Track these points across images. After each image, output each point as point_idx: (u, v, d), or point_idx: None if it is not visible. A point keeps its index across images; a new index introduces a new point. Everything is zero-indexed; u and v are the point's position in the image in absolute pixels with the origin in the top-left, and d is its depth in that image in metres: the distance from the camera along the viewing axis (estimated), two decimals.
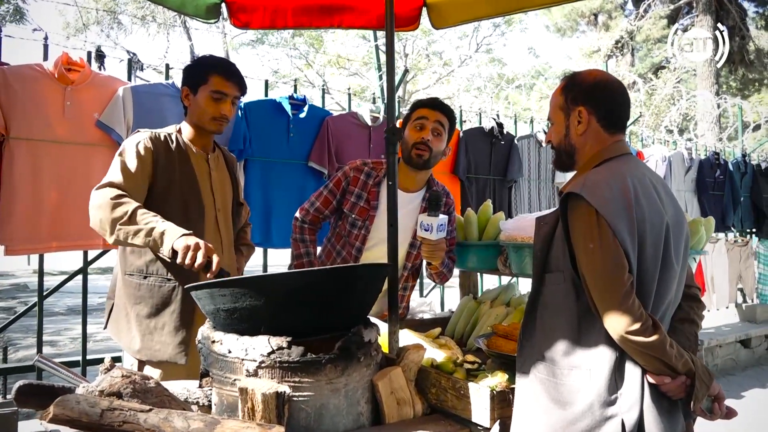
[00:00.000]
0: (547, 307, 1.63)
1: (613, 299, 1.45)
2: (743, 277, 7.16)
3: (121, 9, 19.71)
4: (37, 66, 3.23)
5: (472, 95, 18.16)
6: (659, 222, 1.54)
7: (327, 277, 1.60)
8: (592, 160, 1.67)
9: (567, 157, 1.74)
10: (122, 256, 2.28)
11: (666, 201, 1.62)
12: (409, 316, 2.81)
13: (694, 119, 12.10)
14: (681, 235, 1.63)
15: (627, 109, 1.72)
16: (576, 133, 1.69)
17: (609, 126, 1.67)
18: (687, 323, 1.68)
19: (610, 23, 22.26)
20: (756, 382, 5.86)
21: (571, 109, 1.70)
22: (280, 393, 1.35)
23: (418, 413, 1.69)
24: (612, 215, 1.47)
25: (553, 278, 1.61)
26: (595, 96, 1.68)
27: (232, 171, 2.50)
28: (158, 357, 2.21)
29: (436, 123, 2.51)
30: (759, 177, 7.41)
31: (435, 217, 2.22)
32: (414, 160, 2.51)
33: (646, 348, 1.44)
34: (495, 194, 5.13)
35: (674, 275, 1.59)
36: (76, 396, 1.25)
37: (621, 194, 1.50)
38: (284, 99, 4.07)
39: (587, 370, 1.51)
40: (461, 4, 2.78)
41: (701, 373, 1.49)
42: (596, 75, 1.72)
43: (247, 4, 2.76)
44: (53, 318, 8.68)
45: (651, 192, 1.57)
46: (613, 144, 1.67)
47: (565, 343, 1.56)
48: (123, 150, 2.16)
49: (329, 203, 2.62)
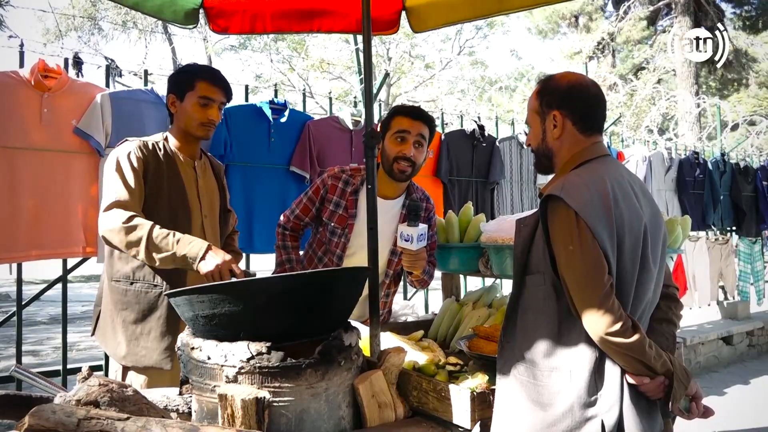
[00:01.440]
0: (528, 309, 1.63)
1: (592, 300, 1.46)
2: (724, 274, 7.24)
3: (102, 15, 19.54)
4: (12, 73, 3.19)
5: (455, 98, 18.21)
6: (638, 223, 1.55)
7: (306, 281, 1.60)
8: (571, 162, 1.67)
9: (546, 160, 1.76)
10: (109, 262, 2.30)
11: (644, 202, 1.63)
12: (392, 320, 2.81)
13: (674, 119, 12.22)
14: (658, 236, 1.64)
15: (602, 110, 1.72)
16: (552, 137, 1.70)
17: (585, 129, 1.68)
18: (665, 323, 1.70)
19: (591, 25, 22.45)
20: (738, 379, 5.92)
21: (546, 113, 1.71)
22: (260, 398, 1.35)
23: (399, 416, 1.69)
24: (591, 217, 1.48)
25: (534, 280, 1.62)
26: (570, 99, 1.68)
27: (219, 178, 2.52)
28: (144, 363, 2.22)
29: (418, 136, 2.48)
30: (738, 176, 7.51)
31: (415, 227, 2.21)
32: (397, 175, 2.49)
33: (626, 349, 1.46)
34: (477, 196, 5.14)
35: (652, 276, 1.60)
36: (51, 406, 1.23)
37: (600, 196, 1.51)
38: (265, 104, 4.06)
39: (567, 372, 1.52)
40: (440, 7, 2.79)
41: (679, 373, 1.51)
42: (570, 78, 1.73)
43: (225, 9, 2.76)
44: (35, 327, 8.57)
45: (629, 193, 1.59)
46: (590, 146, 1.68)
47: (545, 344, 1.57)
48: (118, 163, 2.17)
49: (308, 211, 2.62)
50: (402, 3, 2.87)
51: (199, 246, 1.96)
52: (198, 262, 1.94)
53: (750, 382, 5.83)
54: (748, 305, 7.44)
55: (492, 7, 2.72)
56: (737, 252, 7.52)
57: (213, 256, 1.94)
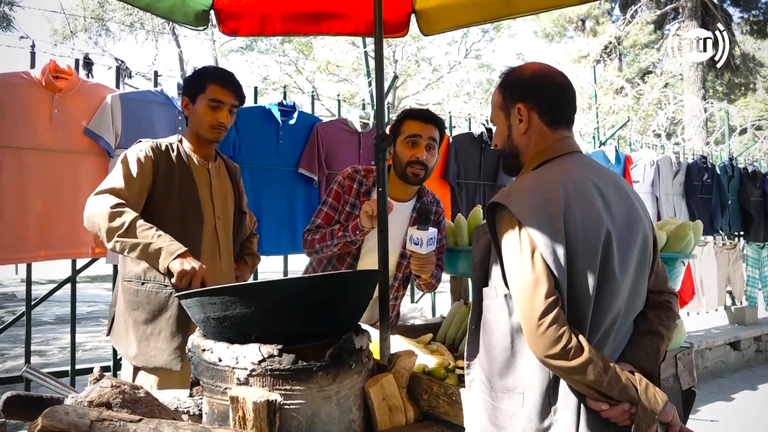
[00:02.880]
0: (485, 323, 1.51)
1: (531, 319, 1.33)
2: (732, 279, 7.21)
3: (110, 16, 19.62)
4: (24, 74, 3.20)
5: (461, 101, 18.22)
6: (595, 230, 1.39)
7: (318, 284, 1.60)
8: (533, 161, 1.55)
9: (513, 159, 1.62)
10: (122, 263, 2.32)
11: (614, 205, 1.46)
12: (400, 323, 2.80)
13: (681, 123, 12.19)
14: (632, 241, 1.47)
15: (572, 101, 1.59)
16: (518, 133, 1.58)
17: (552, 122, 1.55)
18: (649, 335, 1.51)
19: (598, 29, 22.41)
20: (746, 384, 5.89)
21: (510, 107, 1.58)
22: (271, 401, 1.34)
23: (410, 420, 1.69)
24: (534, 227, 1.36)
25: (489, 293, 1.50)
26: (535, 90, 1.56)
27: (235, 180, 2.52)
28: (154, 363, 2.23)
29: (429, 139, 2.48)
30: (746, 180, 7.47)
31: (425, 231, 2.20)
32: (410, 179, 2.50)
33: (569, 373, 1.32)
34: (485, 199, 5.13)
35: (618, 287, 1.42)
36: (64, 407, 1.23)
37: (546, 204, 1.38)
38: (273, 105, 4.07)
39: (520, 394, 1.41)
40: (450, 10, 2.79)
41: (646, 399, 1.34)
42: (534, 68, 1.60)
43: (235, 11, 2.76)
44: (41, 327, 8.60)
45: (589, 197, 1.43)
46: (556, 142, 1.54)
47: (499, 363, 1.45)
48: (125, 158, 2.19)
49: (331, 219, 2.56)
50: (411, 5, 2.87)
51: (178, 246, 1.91)
52: (172, 259, 1.87)
53: (758, 388, 5.80)
54: (756, 311, 7.41)
55: (501, 11, 2.72)
56: (745, 257, 7.49)
57: (190, 260, 1.89)
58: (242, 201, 2.56)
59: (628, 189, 1.58)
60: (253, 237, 2.66)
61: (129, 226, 1.95)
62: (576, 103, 1.61)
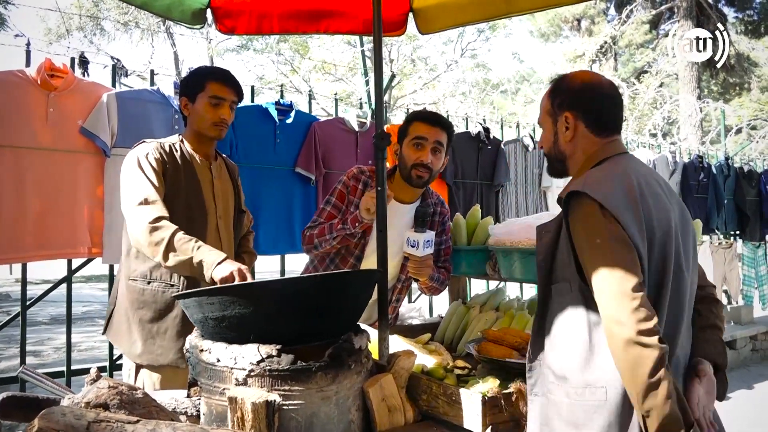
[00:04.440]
0: (555, 321, 1.52)
1: (624, 295, 1.30)
2: (728, 279, 7.22)
3: (104, 15, 19.54)
4: (19, 72, 3.18)
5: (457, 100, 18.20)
6: (666, 220, 1.45)
7: (317, 284, 1.59)
8: (588, 162, 1.59)
9: (558, 163, 1.68)
10: (125, 261, 2.31)
11: (672, 199, 1.54)
12: (398, 323, 2.80)
13: (677, 123, 12.22)
14: (688, 235, 1.54)
15: (619, 110, 1.63)
16: (564, 140, 1.62)
17: (599, 130, 1.59)
18: (709, 330, 1.56)
19: (593, 28, 22.43)
20: (742, 383, 5.90)
21: (558, 115, 1.63)
22: (270, 402, 1.33)
23: (409, 420, 1.68)
24: (618, 208, 1.37)
25: (560, 289, 1.51)
26: (582, 100, 1.60)
27: (234, 179, 2.53)
28: (159, 361, 2.24)
29: (435, 143, 2.45)
30: (741, 180, 7.49)
31: (421, 233, 2.19)
32: (414, 181, 2.47)
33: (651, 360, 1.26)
34: (482, 199, 5.13)
35: (686, 279, 1.48)
36: (61, 408, 1.22)
37: (624, 189, 1.42)
38: (270, 105, 4.05)
39: (602, 388, 1.40)
40: (447, 9, 2.79)
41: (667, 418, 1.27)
42: (584, 77, 1.65)
43: (232, 9, 2.75)
44: (36, 327, 8.56)
45: (656, 190, 1.49)
46: (606, 144, 1.59)
47: (576, 358, 1.45)
48: (138, 162, 2.17)
49: (333, 218, 2.53)
50: (409, 4, 2.86)
51: (217, 254, 1.93)
52: (213, 268, 1.89)
53: (754, 387, 5.82)
54: (752, 310, 7.42)
55: (499, 9, 2.72)
56: (741, 256, 7.50)
57: (230, 264, 1.90)
58: (241, 199, 2.56)
59: (671, 187, 1.65)
60: (250, 235, 2.66)
61: (169, 241, 1.96)
62: (623, 111, 1.66)
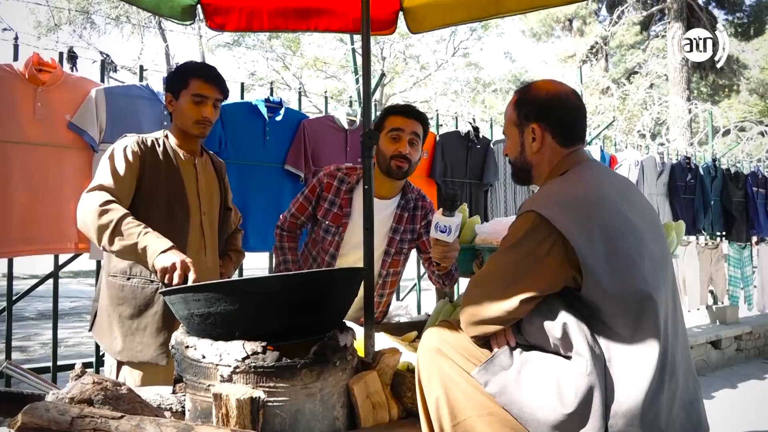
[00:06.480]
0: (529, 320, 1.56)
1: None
2: (714, 279, 7.28)
3: (95, 9, 19.41)
4: (6, 66, 3.15)
5: (449, 99, 18.25)
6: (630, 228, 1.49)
7: (302, 281, 1.59)
8: (553, 173, 1.64)
9: (524, 172, 1.72)
10: (107, 258, 2.29)
11: (638, 204, 1.58)
12: (385, 320, 2.81)
13: (666, 124, 12.30)
14: (659, 238, 1.58)
15: (583, 121, 1.68)
16: (531, 151, 1.66)
17: (565, 141, 1.64)
18: None
19: (585, 29, 22.54)
20: (726, 383, 5.95)
21: (524, 126, 1.66)
22: (254, 398, 1.34)
23: (393, 417, 1.69)
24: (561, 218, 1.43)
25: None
26: (550, 112, 1.64)
27: (220, 176, 2.52)
28: (139, 358, 2.22)
29: (412, 134, 2.50)
30: (728, 181, 7.55)
31: (451, 217, 2.05)
32: (394, 172, 2.50)
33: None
34: (471, 198, 5.15)
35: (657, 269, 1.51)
36: (45, 403, 1.22)
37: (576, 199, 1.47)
38: (260, 102, 4.05)
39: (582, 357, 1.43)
40: (437, 8, 2.80)
41: None
42: (549, 88, 1.67)
43: (222, 5, 2.75)
44: (23, 323, 8.50)
45: (628, 194, 1.54)
46: (569, 155, 1.64)
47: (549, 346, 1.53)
48: (112, 153, 2.17)
49: (305, 210, 2.63)
50: (399, 3, 2.87)
51: (164, 242, 1.89)
52: (156, 256, 1.85)
53: (738, 386, 5.86)
54: (737, 310, 7.49)
55: (489, 10, 2.73)
56: (727, 257, 7.56)
57: (174, 254, 1.86)
58: (228, 197, 2.55)
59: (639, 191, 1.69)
60: (238, 233, 2.66)
61: (116, 225, 1.94)
62: (587, 121, 1.70)
